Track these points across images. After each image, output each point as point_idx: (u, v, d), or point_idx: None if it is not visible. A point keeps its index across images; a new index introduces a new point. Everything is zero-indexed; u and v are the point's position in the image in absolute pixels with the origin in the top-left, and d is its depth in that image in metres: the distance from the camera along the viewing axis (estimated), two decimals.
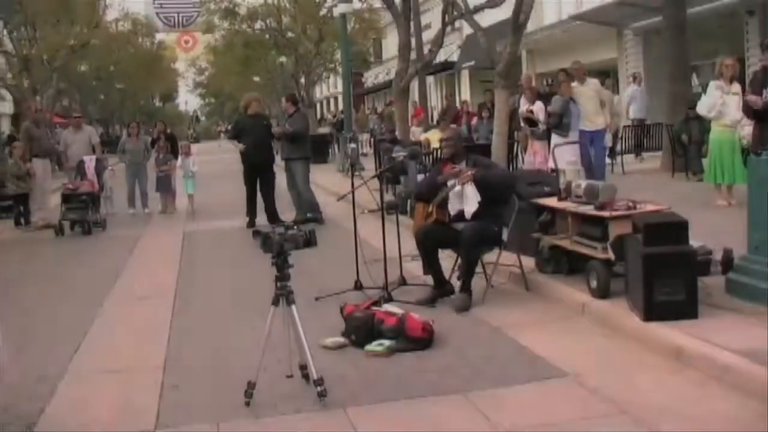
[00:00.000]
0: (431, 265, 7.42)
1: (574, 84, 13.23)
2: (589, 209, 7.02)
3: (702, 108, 11.45)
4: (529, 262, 7.94)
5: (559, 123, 12.83)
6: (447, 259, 8.01)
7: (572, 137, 12.66)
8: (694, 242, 6.26)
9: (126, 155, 16.65)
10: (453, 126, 14.94)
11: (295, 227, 5.05)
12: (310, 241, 5.02)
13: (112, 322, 7.59)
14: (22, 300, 8.71)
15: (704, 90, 11.95)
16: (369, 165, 20.49)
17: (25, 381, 5.77)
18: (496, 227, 7.35)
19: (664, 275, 5.83)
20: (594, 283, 6.76)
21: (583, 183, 7.39)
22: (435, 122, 22.06)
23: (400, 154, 8.84)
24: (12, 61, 29.16)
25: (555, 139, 12.73)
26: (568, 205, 7.35)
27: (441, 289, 7.44)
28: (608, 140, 14.11)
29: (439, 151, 14.61)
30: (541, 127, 13.95)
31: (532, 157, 14.07)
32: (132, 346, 6.70)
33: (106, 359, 6.34)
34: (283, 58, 38.79)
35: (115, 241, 13.11)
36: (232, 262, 10.50)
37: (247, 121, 13.46)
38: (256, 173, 13.35)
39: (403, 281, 7.96)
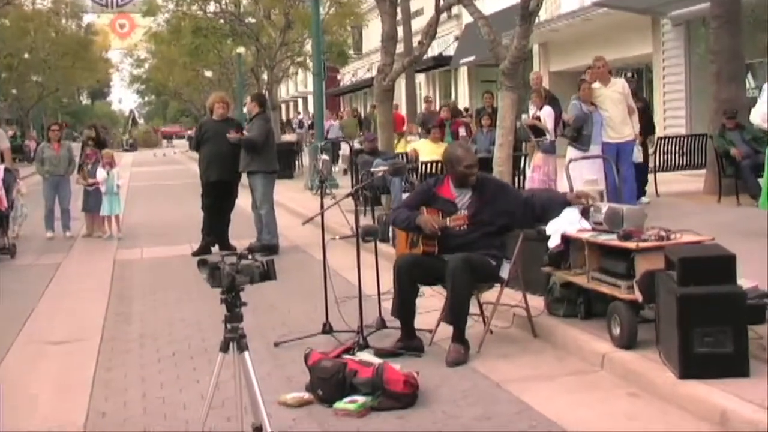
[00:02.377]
0: (404, 306, 7.37)
1: (596, 85, 13.29)
2: (611, 239, 7.05)
3: (756, 116, 11.40)
4: (537, 302, 7.97)
5: (578, 134, 12.87)
6: (437, 296, 8.02)
7: (593, 151, 12.70)
8: (744, 282, 6.27)
9: (44, 166, 16.57)
10: (462, 143, 14.87)
11: (250, 256, 5.04)
12: (268, 274, 5.00)
13: (19, 374, 7.53)
14: None
15: (760, 93, 11.85)
16: (346, 182, 20.51)
17: None
18: (493, 260, 7.39)
19: (706, 322, 5.81)
20: (617, 330, 6.78)
21: (605, 207, 7.41)
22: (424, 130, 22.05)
23: (380, 168, 8.86)
24: None
25: (572, 152, 12.79)
26: (585, 234, 7.38)
27: (407, 342, 7.40)
28: (637, 155, 14.14)
29: (429, 166, 14.73)
30: (549, 137, 14.01)
31: (534, 173, 14.11)
32: (45, 403, 6.64)
33: (11, 420, 6.27)
34: (241, 49, 38.90)
35: (27, 272, 13.04)
36: (173, 298, 10.47)
37: (212, 128, 13.43)
38: (218, 192, 13.34)
39: (382, 324, 7.95)
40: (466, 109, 29.76)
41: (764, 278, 6.99)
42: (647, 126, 15.49)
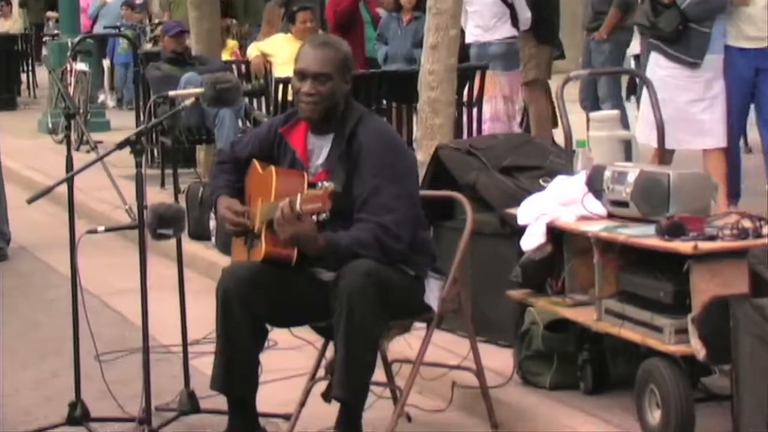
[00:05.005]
0: (235, 367, 7.22)
1: None
2: (644, 234, 7.03)
3: None
4: (500, 359, 7.99)
5: (684, 28, 12.46)
6: (302, 348, 7.92)
7: (709, 65, 12.31)
8: None
9: None
10: (329, 36, 14.79)
11: None
12: None
13: None
14: None
15: None
16: (126, 120, 20.49)
17: None
18: (412, 272, 7.21)
19: None
20: (655, 415, 6.78)
21: (632, 171, 7.36)
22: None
23: (189, 91, 8.74)
24: None
25: (660, 63, 12.43)
26: (593, 225, 7.34)
27: None
28: None
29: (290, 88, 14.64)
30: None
31: (491, 105, 14.27)
32: None
33: None
34: None
35: None
36: None
37: None
38: None
39: (190, 403, 7.87)
40: None
41: None
42: None
